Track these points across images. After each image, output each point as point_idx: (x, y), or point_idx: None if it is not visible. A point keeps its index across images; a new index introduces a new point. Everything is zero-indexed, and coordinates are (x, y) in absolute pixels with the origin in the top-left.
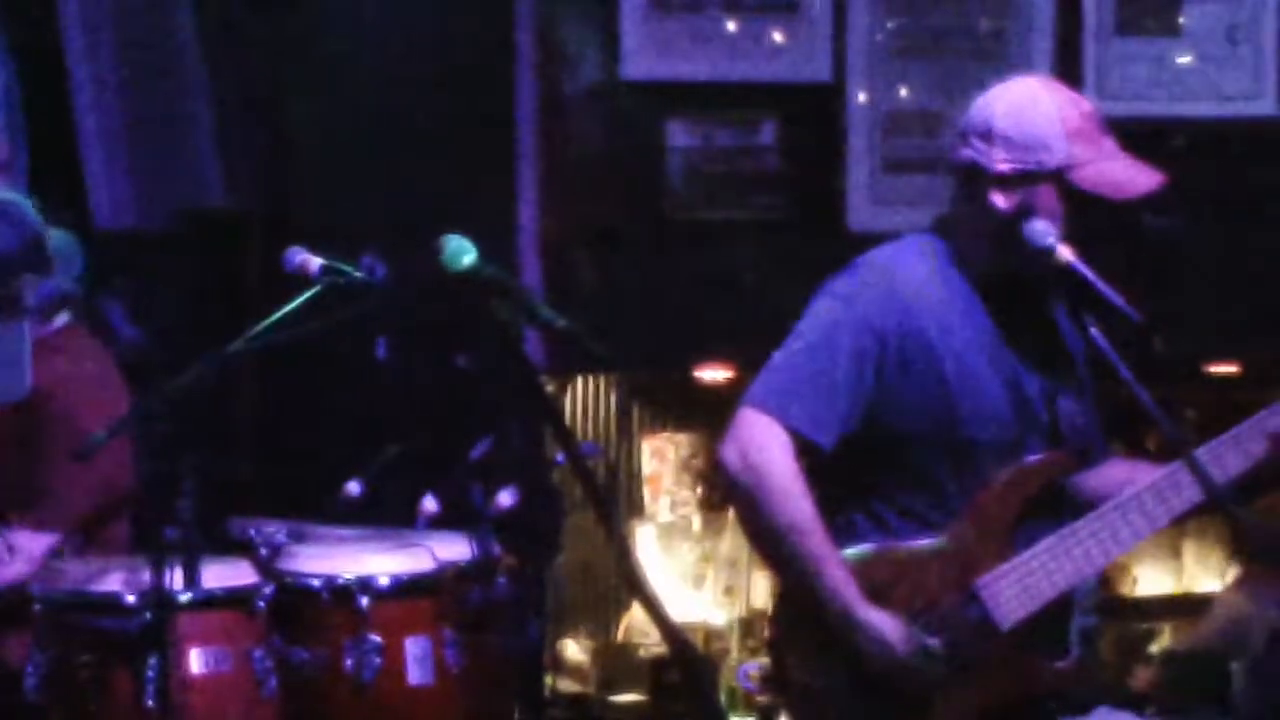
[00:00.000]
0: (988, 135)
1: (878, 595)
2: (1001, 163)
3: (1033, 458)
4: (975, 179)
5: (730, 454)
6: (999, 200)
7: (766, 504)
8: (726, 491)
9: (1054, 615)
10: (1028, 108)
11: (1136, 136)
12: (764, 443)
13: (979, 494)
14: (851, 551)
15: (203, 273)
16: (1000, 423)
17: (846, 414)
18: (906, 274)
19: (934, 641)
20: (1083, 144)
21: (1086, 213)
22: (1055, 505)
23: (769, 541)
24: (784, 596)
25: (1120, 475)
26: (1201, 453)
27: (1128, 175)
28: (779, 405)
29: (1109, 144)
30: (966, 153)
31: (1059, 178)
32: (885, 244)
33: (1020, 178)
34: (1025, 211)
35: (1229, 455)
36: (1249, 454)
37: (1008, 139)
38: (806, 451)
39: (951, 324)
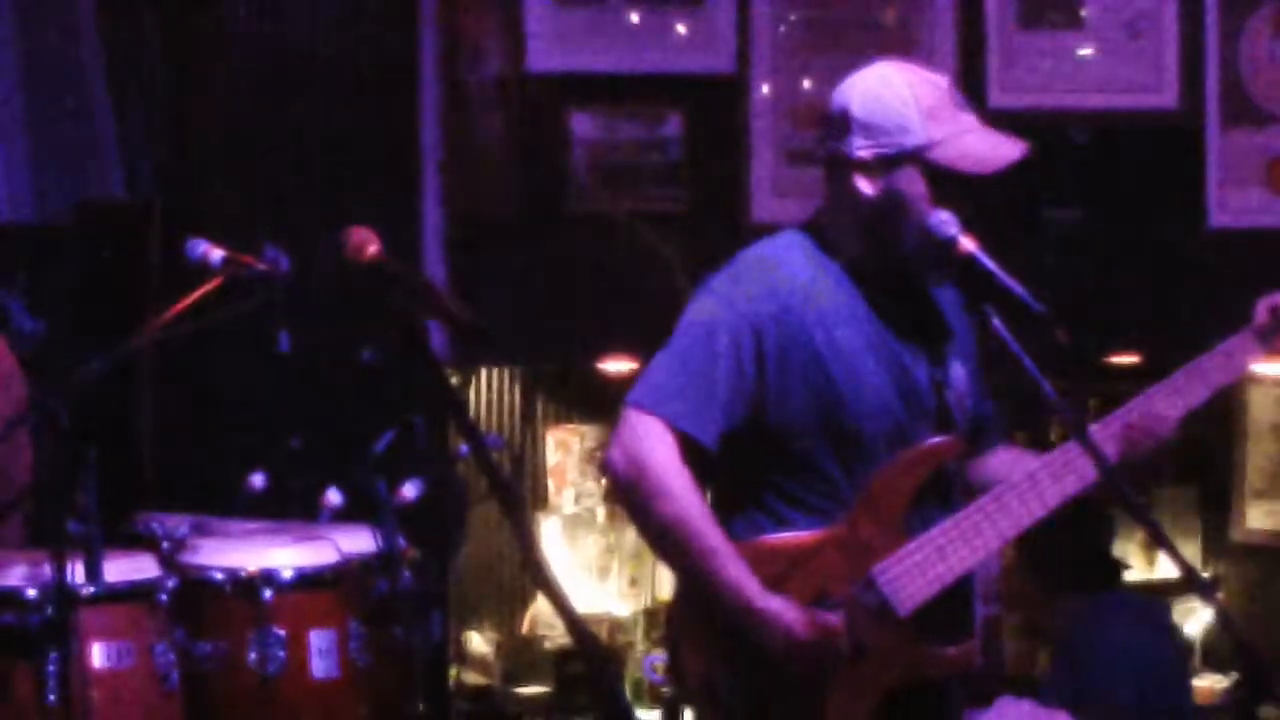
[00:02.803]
0: (846, 123)
1: (773, 587)
2: (861, 149)
3: (923, 444)
4: (839, 168)
5: (616, 455)
6: (864, 186)
7: (656, 502)
8: (615, 492)
9: (951, 601)
10: (882, 92)
11: (1039, 129)
12: (648, 442)
13: (871, 482)
14: (745, 545)
15: (103, 265)
16: (887, 411)
17: (728, 411)
18: (785, 268)
19: (834, 618)
20: (939, 122)
21: (955, 192)
22: (947, 490)
23: (662, 539)
24: (681, 591)
25: (1007, 461)
26: (1095, 429)
27: (988, 148)
28: (661, 405)
29: (967, 119)
30: (829, 143)
31: (920, 158)
32: (763, 239)
33: (882, 162)
34: (892, 196)
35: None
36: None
37: (865, 125)
38: (692, 449)
39: (832, 316)
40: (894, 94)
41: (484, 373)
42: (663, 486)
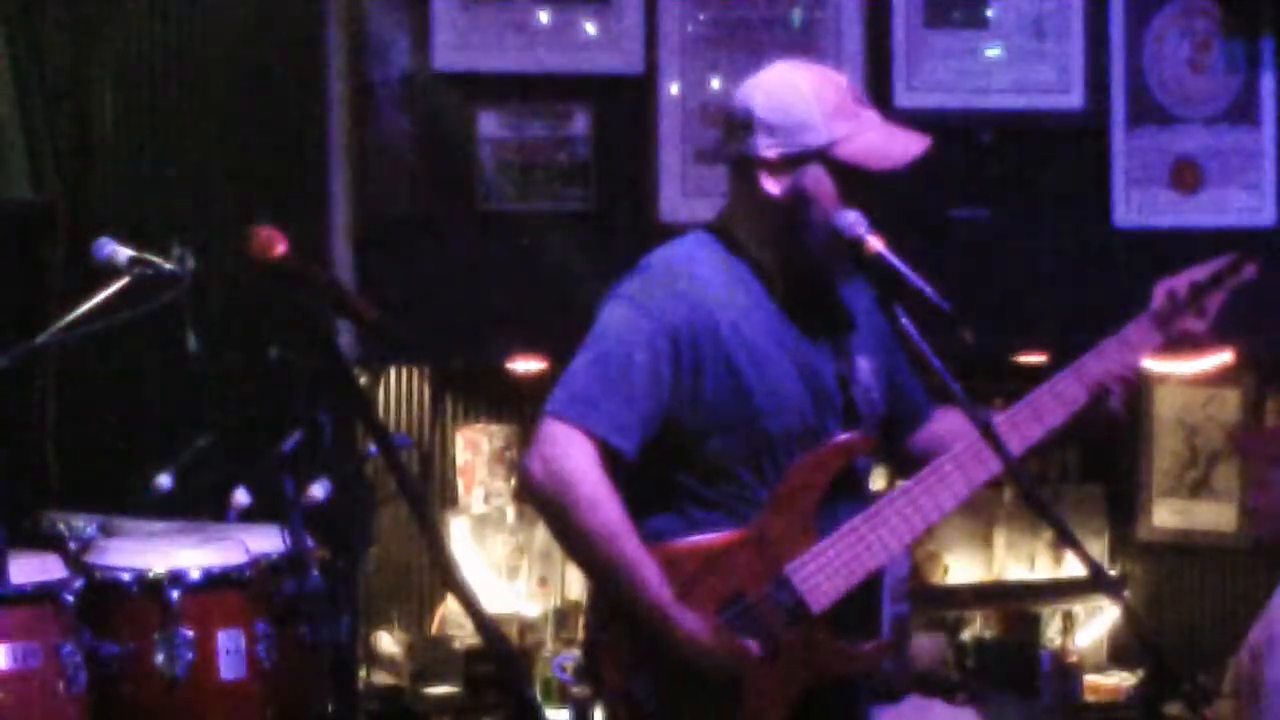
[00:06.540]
0: (750, 124)
1: (687, 590)
2: (767, 149)
3: (831, 441)
4: (745, 169)
5: (535, 465)
6: (770, 186)
7: (574, 512)
8: (534, 502)
9: (862, 598)
10: (786, 92)
11: (945, 129)
12: (567, 451)
13: (782, 481)
14: (658, 549)
15: (7, 265)
16: (797, 411)
17: (646, 418)
18: (694, 271)
19: (751, 643)
20: (843, 119)
21: (862, 188)
22: (857, 486)
23: (580, 549)
24: (598, 598)
25: (947, 422)
26: (1000, 420)
27: (890, 144)
28: (579, 413)
29: (869, 115)
30: (733, 144)
31: (825, 157)
32: (671, 242)
33: (787, 162)
34: (799, 195)
35: (1026, 423)
36: (1044, 422)
37: (770, 125)
38: (610, 457)
39: (741, 317)
40: (796, 93)
41: (392, 372)
42: (582, 497)
